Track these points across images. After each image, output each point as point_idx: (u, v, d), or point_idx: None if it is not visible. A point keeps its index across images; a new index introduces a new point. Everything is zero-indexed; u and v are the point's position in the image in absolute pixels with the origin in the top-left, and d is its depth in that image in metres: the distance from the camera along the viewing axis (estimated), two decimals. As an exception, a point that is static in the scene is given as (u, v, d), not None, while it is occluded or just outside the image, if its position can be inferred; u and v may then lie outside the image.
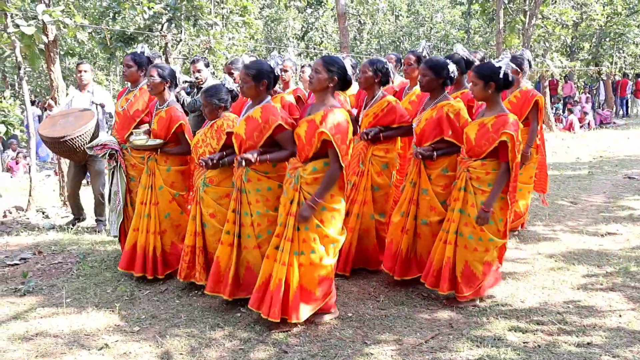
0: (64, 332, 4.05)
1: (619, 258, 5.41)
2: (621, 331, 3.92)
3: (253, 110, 4.15)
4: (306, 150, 3.88)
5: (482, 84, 4.11)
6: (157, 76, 4.84)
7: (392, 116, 4.77)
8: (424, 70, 4.43)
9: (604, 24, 20.80)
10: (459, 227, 4.25)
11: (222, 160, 4.40)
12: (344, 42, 14.70)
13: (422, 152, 4.38)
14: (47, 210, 7.91)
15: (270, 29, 28.48)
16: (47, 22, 7.12)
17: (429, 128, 4.41)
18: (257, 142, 4.09)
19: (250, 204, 4.18)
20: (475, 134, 4.16)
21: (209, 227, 4.52)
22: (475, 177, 4.18)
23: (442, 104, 4.40)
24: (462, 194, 4.22)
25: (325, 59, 3.92)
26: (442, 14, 32.23)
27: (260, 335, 3.93)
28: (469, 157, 4.23)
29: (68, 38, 13.03)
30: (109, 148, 5.22)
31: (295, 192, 3.87)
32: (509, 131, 4.01)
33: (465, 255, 4.26)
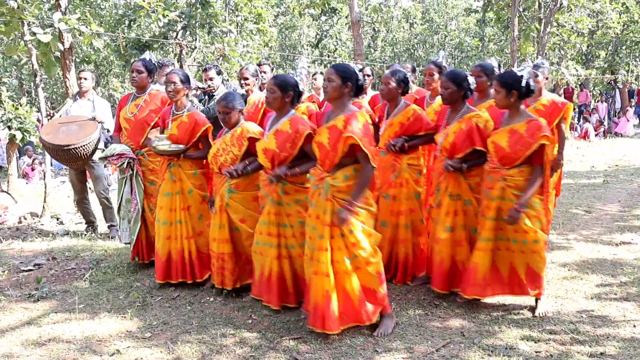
0: (77, 338, 4.08)
1: (633, 267, 5.35)
2: (635, 341, 3.87)
3: (281, 124, 4.20)
4: (331, 157, 3.84)
5: (504, 92, 4.14)
6: (180, 82, 4.85)
7: (419, 124, 4.77)
8: (445, 82, 4.45)
9: (620, 32, 20.68)
10: (507, 234, 4.25)
11: (246, 169, 4.44)
12: (358, 50, 14.73)
13: (453, 165, 4.37)
14: (62, 216, 7.99)
15: (284, 37, 28.62)
16: (63, 30, 7.22)
17: (459, 140, 4.40)
18: (290, 153, 4.14)
19: (289, 216, 4.24)
20: (508, 141, 4.16)
21: (242, 231, 4.60)
22: (514, 185, 4.17)
23: (470, 115, 4.43)
24: (500, 202, 4.21)
25: (337, 66, 3.93)
26: (456, 22, 32.20)
27: (271, 342, 3.93)
28: (502, 165, 4.21)
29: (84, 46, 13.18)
30: (126, 157, 5.24)
31: (328, 202, 3.82)
32: (547, 134, 4.07)
33: (526, 259, 4.26)
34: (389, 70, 4.91)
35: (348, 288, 3.87)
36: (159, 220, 4.99)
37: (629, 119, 20.08)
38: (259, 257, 4.39)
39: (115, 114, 5.72)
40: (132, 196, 5.36)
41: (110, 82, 25.53)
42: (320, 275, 3.85)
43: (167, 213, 4.92)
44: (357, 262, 3.86)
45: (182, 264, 4.95)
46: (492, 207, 4.26)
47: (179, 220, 4.91)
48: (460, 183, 4.47)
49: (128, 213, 5.43)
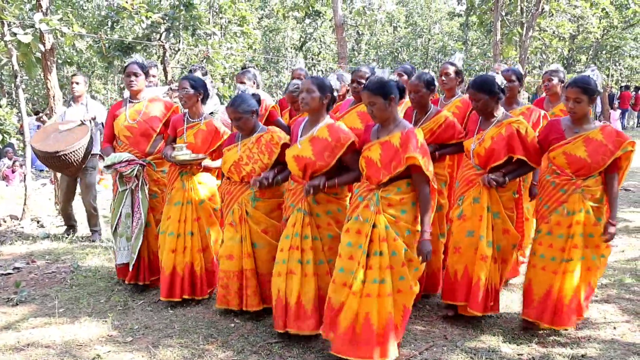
0: (56, 343, 4.02)
1: (614, 270, 5.40)
2: (615, 343, 3.91)
3: (317, 130, 3.87)
4: (381, 175, 3.59)
5: (587, 99, 3.88)
6: (190, 88, 4.57)
7: (451, 131, 4.45)
8: (474, 95, 4.11)
9: (601, 37, 20.95)
10: (583, 252, 3.98)
11: (276, 179, 4.14)
12: (341, 53, 14.76)
13: (496, 179, 4.03)
14: (42, 219, 7.89)
15: (268, 39, 28.59)
16: (44, 30, 7.12)
17: (498, 147, 4.05)
18: (328, 162, 3.82)
19: (319, 227, 3.91)
20: (586, 150, 3.89)
21: (263, 245, 4.23)
22: (591, 196, 3.94)
23: (510, 120, 4.10)
24: (582, 216, 3.93)
25: (370, 87, 3.61)
26: (440, 26, 32.42)
27: (254, 346, 3.91)
28: (578, 176, 3.94)
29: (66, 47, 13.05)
30: (135, 164, 4.86)
31: (377, 214, 3.56)
32: (632, 140, 3.90)
33: (589, 277, 4.05)
34: (415, 76, 4.54)
35: (374, 313, 3.53)
36: (163, 231, 4.69)
37: (612, 121, 20.31)
38: (276, 279, 3.95)
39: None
40: (135, 209, 4.95)
41: (93, 84, 25.31)
42: (375, 297, 3.54)
43: (175, 224, 4.62)
44: (387, 289, 3.55)
45: (190, 278, 4.64)
46: (565, 223, 3.98)
47: (191, 231, 4.63)
48: (491, 194, 4.12)
49: (127, 230, 4.96)
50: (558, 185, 4.02)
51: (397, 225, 3.57)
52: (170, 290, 4.63)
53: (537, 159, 4.11)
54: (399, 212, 3.57)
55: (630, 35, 22.13)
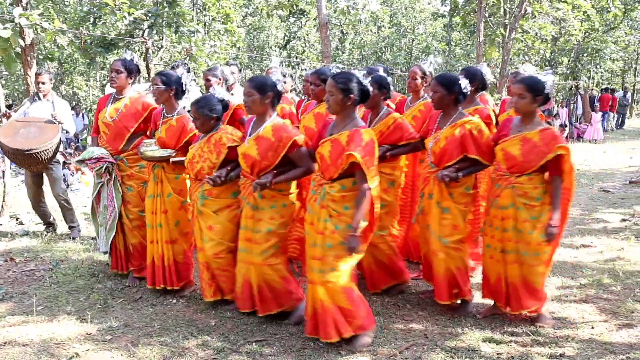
0: (34, 341, 3.98)
1: (592, 270, 5.46)
2: (593, 342, 3.96)
3: (263, 129, 4.03)
4: (331, 171, 3.74)
5: (530, 97, 4.00)
6: (162, 84, 4.64)
7: (399, 133, 4.60)
8: (434, 86, 4.28)
9: (582, 40, 21.14)
10: (510, 245, 4.15)
11: (229, 176, 4.27)
12: (325, 52, 14.74)
13: (448, 175, 4.14)
14: (21, 216, 7.80)
15: (252, 37, 28.47)
16: (24, 25, 7.05)
17: (450, 147, 4.21)
18: (272, 161, 3.99)
19: (260, 221, 4.07)
20: (520, 149, 4.04)
21: (207, 240, 4.38)
22: (523, 192, 4.07)
23: (464, 121, 4.23)
24: (511, 211, 4.11)
25: (337, 78, 3.73)
26: (424, 26, 32.50)
27: (234, 345, 3.90)
28: (512, 173, 4.10)
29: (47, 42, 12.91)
30: (105, 162, 4.98)
31: (322, 209, 3.76)
32: (564, 144, 4.00)
33: (524, 271, 4.17)
34: (372, 77, 4.56)
35: (322, 300, 3.77)
36: (149, 225, 4.85)
37: (594, 124, 20.55)
38: (239, 266, 4.23)
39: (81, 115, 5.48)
40: (108, 202, 5.07)
41: (74, 80, 25.05)
42: (314, 285, 3.79)
43: (149, 216, 4.79)
44: (329, 277, 3.73)
45: (162, 269, 4.76)
46: (499, 216, 4.18)
47: (160, 223, 4.75)
48: (442, 190, 4.28)
49: (105, 220, 5.13)
50: (495, 180, 4.27)
51: (339, 219, 3.73)
52: (152, 279, 4.82)
53: (490, 157, 4.27)
54: (342, 208, 3.74)
55: (611, 38, 22.35)
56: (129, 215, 5.06)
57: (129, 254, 5.16)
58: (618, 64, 28.97)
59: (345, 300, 3.78)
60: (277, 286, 4.16)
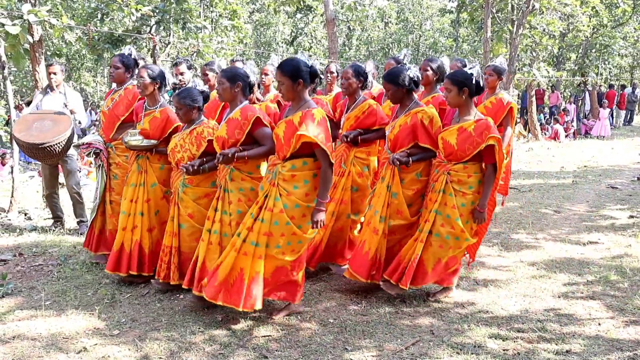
0: (42, 335, 4.01)
1: (599, 267, 5.45)
2: (600, 339, 3.95)
3: (233, 113, 4.25)
4: (284, 150, 3.98)
5: (456, 90, 4.25)
6: (147, 77, 4.86)
7: (373, 118, 4.92)
8: (385, 84, 4.54)
9: (590, 35, 21.02)
10: (436, 228, 4.38)
11: (202, 167, 4.45)
12: (332, 48, 14.73)
13: (399, 158, 4.38)
14: (29, 211, 7.85)
15: (259, 34, 28.51)
16: (32, 21, 7.07)
17: (402, 134, 4.46)
18: (238, 138, 4.17)
19: (231, 203, 4.24)
20: (456, 138, 4.27)
21: (187, 227, 4.62)
22: (457, 180, 4.31)
23: (416, 110, 4.47)
24: (441, 195, 4.34)
25: (284, 67, 3.99)
26: (431, 22, 32.44)
27: (240, 340, 3.92)
28: (449, 161, 4.34)
29: (55, 38, 12.97)
30: (93, 147, 5.33)
31: (272, 187, 3.99)
32: (495, 135, 4.19)
33: (439, 253, 4.42)
34: (349, 66, 5.05)
35: (247, 269, 4.00)
36: (123, 212, 5.00)
37: (601, 119, 20.46)
38: (202, 244, 4.38)
39: (88, 110, 5.70)
40: (97, 186, 5.47)
41: (82, 76, 25.15)
42: (251, 257, 3.99)
43: (127, 204, 4.95)
44: (268, 252, 4.00)
45: (137, 256, 4.90)
46: (433, 199, 4.40)
47: (141, 212, 4.92)
48: (394, 175, 4.52)
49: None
50: (434, 165, 4.49)
51: (288, 198, 3.95)
52: (116, 265, 4.92)
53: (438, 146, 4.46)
54: (292, 187, 3.96)
55: (619, 34, 22.22)
56: (112, 201, 5.38)
57: (104, 238, 5.48)
58: (627, 60, 28.79)
59: (270, 272, 4.08)
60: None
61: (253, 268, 4.00)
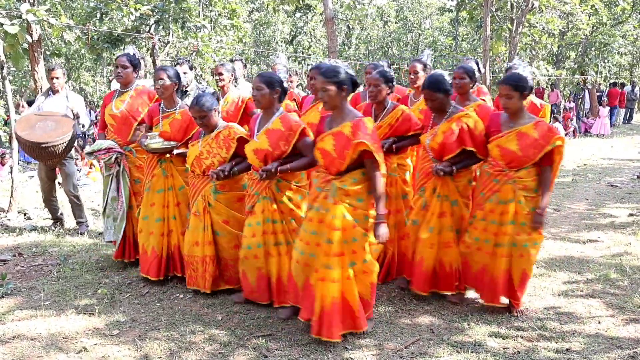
0: (42, 335, 4.00)
1: (599, 265, 5.45)
2: (600, 337, 3.95)
3: (272, 123, 4.13)
4: (337, 164, 3.73)
5: (517, 95, 4.07)
6: (167, 78, 4.74)
7: (407, 124, 4.69)
8: (429, 93, 4.32)
9: (590, 34, 21.01)
10: (514, 238, 4.19)
11: (232, 170, 4.36)
12: (331, 47, 14.70)
13: (443, 169, 4.26)
14: (29, 211, 7.84)
15: (258, 33, 28.48)
16: (31, 21, 7.06)
17: (449, 140, 4.28)
18: (285, 150, 4.07)
19: (283, 213, 4.19)
20: (518, 144, 4.09)
21: (224, 234, 4.51)
22: (523, 186, 4.13)
23: (460, 114, 4.33)
24: (513, 206, 4.15)
25: (327, 73, 3.75)
26: (430, 21, 32.40)
27: (240, 339, 3.92)
28: (510, 168, 4.15)
29: (54, 38, 12.95)
30: (114, 152, 5.11)
31: (335, 205, 3.72)
32: (560, 135, 4.09)
33: (522, 264, 4.23)
34: (376, 72, 4.75)
35: (349, 295, 3.78)
36: (147, 217, 4.87)
37: (601, 118, 20.46)
38: (252, 262, 4.27)
39: (88, 110, 5.60)
40: (118, 194, 5.22)
41: (81, 75, 25.11)
42: (328, 282, 3.73)
43: (160, 209, 4.84)
44: (355, 270, 3.78)
45: (178, 259, 4.89)
46: (497, 210, 4.20)
47: (174, 216, 4.85)
48: (448, 184, 4.37)
49: (114, 211, 5.29)
50: (492, 175, 4.26)
51: (356, 213, 3.74)
52: (159, 270, 4.89)
53: (484, 151, 4.33)
54: (356, 200, 3.75)
55: (619, 32, 22.20)
56: (139, 206, 5.14)
57: (137, 243, 5.20)
58: (626, 58, 28.78)
59: (369, 293, 3.89)
60: None
61: (353, 291, 3.79)
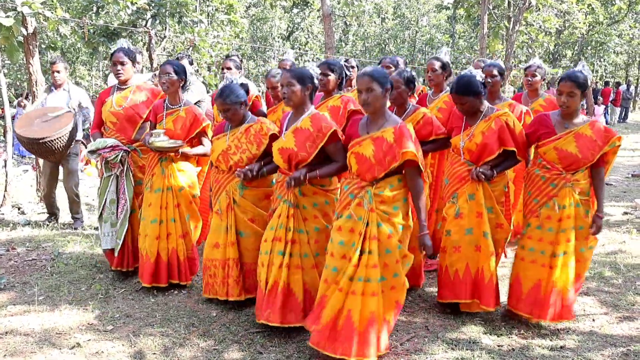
0: (35, 331, 3.99)
1: (594, 263, 5.45)
2: (594, 335, 3.96)
3: (301, 121, 3.81)
4: (375, 171, 3.49)
5: (580, 93, 3.90)
6: (174, 73, 4.52)
7: (429, 128, 4.41)
8: (457, 99, 4.10)
9: (586, 33, 21.08)
10: (563, 247, 3.99)
11: (262, 171, 4.12)
12: (329, 43, 14.70)
13: (484, 172, 4.03)
14: (23, 206, 7.80)
15: (255, 28, 28.41)
16: (26, 14, 7.01)
17: (490, 141, 4.05)
18: (310, 152, 3.74)
19: (306, 220, 3.85)
20: (576, 145, 3.91)
21: (249, 234, 4.21)
22: (580, 189, 3.97)
23: (498, 114, 4.11)
24: (573, 210, 3.97)
25: (374, 74, 3.48)
26: (427, 18, 32.38)
27: (235, 336, 3.91)
28: (568, 171, 3.95)
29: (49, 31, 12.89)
30: (119, 150, 4.80)
31: (371, 212, 3.47)
32: (618, 134, 3.97)
33: (578, 269, 4.07)
34: (396, 73, 4.50)
35: (356, 310, 3.47)
36: (144, 218, 4.68)
37: (597, 116, 20.50)
38: (261, 269, 3.95)
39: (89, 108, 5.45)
40: (120, 195, 4.91)
41: (77, 70, 25.01)
42: (364, 296, 3.46)
43: (157, 210, 4.61)
44: (384, 285, 3.51)
45: (175, 264, 4.67)
46: (554, 217, 3.99)
47: (173, 218, 4.62)
48: (484, 189, 4.12)
49: (112, 215, 4.94)
50: (548, 179, 4.01)
51: (391, 222, 3.49)
52: (154, 277, 4.65)
53: (524, 152, 4.14)
54: (392, 208, 3.50)
55: (615, 31, 22.32)
56: (135, 210, 4.96)
57: (136, 249, 4.93)
58: (622, 58, 28.86)
59: (392, 313, 3.58)
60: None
61: (365, 308, 3.45)
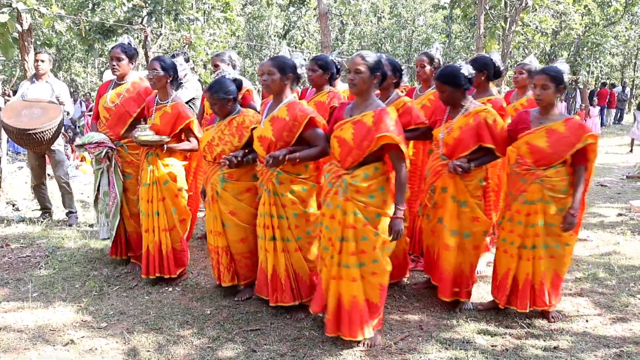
0: (29, 327, 3.98)
1: (588, 264, 5.47)
2: (587, 336, 3.97)
3: (278, 110, 3.91)
4: (354, 155, 3.56)
5: (554, 87, 3.92)
6: (160, 69, 4.56)
7: (408, 117, 4.46)
8: (440, 85, 4.12)
9: (582, 34, 21.12)
10: (532, 241, 4.06)
11: (245, 158, 4.19)
12: (325, 42, 14.67)
13: (461, 165, 4.02)
14: (18, 202, 7.78)
15: (252, 26, 28.39)
16: (21, 10, 6.99)
17: (466, 136, 4.06)
18: (288, 141, 3.85)
19: (285, 207, 3.95)
20: (547, 141, 3.93)
21: (230, 225, 4.32)
22: (550, 186, 3.96)
23: (477, 109, 4.10)
24: (540, 206, 3.99)
25: (366, 57, 3.57)
26: (424, 17, 32.40)
27: (229, 333, 3.91)
28: (538, 166, 3.97)
29: (44, 28, 12.83)
30: (104, 147, 4.89)
31: (347, 202, 3.56)
32: (592, 132, 3.95)
33: (552, 265, 4.10)
34: (386, 59, 4.46)
35: (351, 294, 3.66)
36: (141, 212, 4.79)
37: (592, 117, 20.56)
38: (260, 253, 4.17)
39: (79, 102, 5.48)
40: (110, 189, 5.02)
41: (72, 66, 24.95)
42: (346, 281, 3.64)
43: (144, 204, 4.71)
44: (363, 271, 3.64)
45: (159, 258, 4.72)
46: (523, 211, 4.05)
47: (157, 212, 4.68)
48: (457, 183, 4.15)
49: (106, 207, 5.09)
50: (519, 174, 4.08)
51: (367, 210, 3.58)
52: (146, 269, 4.78)
53: (503, 148, 4.18)
54: (367, 197, 3.58)
55: (611, 32, 22.36)
56: (128, 202, 5.04)
57: (128, 240, 5.14)
58: (618, 59, 28.96)
59: (378, 295, 3.71)
60: (304, 276, 4.12)
61: (347, 292, 3.65)
